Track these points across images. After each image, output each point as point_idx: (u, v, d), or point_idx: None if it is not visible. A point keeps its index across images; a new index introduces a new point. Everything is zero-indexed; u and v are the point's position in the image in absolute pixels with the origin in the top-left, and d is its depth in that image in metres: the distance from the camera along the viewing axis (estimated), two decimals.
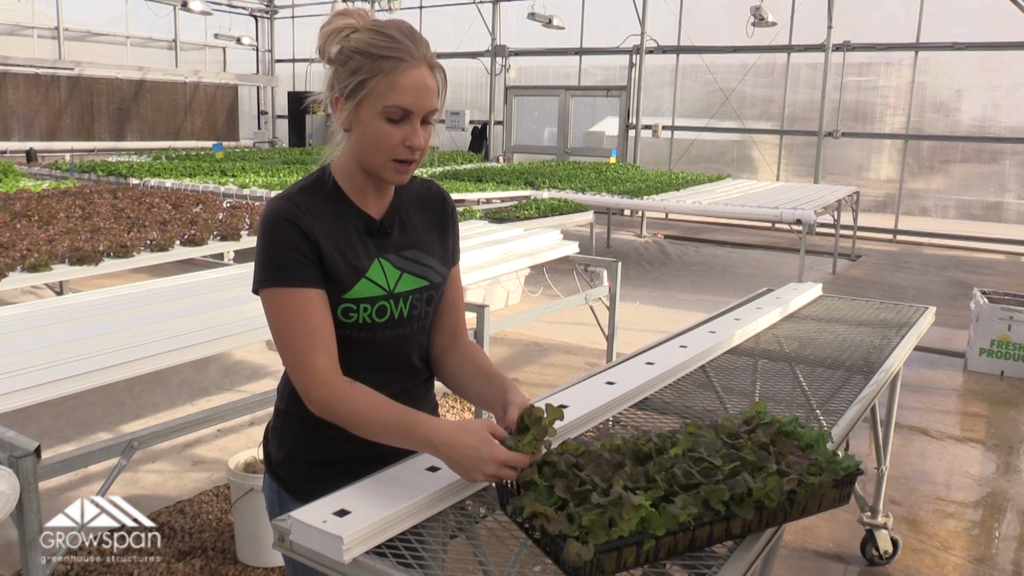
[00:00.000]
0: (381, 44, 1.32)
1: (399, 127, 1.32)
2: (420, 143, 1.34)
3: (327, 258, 1.35)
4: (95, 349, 2.44)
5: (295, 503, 1.35)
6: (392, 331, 1.43)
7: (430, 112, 1.35)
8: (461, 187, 8.47)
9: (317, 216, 1.37)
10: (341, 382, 1.34)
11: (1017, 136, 11.10)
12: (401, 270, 1.44)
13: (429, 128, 1.37)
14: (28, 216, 4.88)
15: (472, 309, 3.43)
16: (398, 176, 1.38)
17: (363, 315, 1.38)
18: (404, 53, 1.32)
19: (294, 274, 1.33)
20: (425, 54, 1.34)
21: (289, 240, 1.33)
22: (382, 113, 1.31)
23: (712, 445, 1.34)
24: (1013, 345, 5.50)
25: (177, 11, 17.04)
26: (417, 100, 1.32)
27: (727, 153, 13.54)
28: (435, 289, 1.48)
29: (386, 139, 1.32)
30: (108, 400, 4.52)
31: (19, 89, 14.45)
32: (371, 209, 1.44)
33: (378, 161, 1.36)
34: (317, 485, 1.35)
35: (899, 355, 2.49)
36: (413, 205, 1.50)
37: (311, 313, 1.33)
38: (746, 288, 7.04)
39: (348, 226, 1.40)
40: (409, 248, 1.46)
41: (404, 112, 1.32)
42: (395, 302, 1.42)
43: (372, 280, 1.39)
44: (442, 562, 1.20)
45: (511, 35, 15.48)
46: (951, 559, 3.19)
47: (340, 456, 1.44)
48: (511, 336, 6.06)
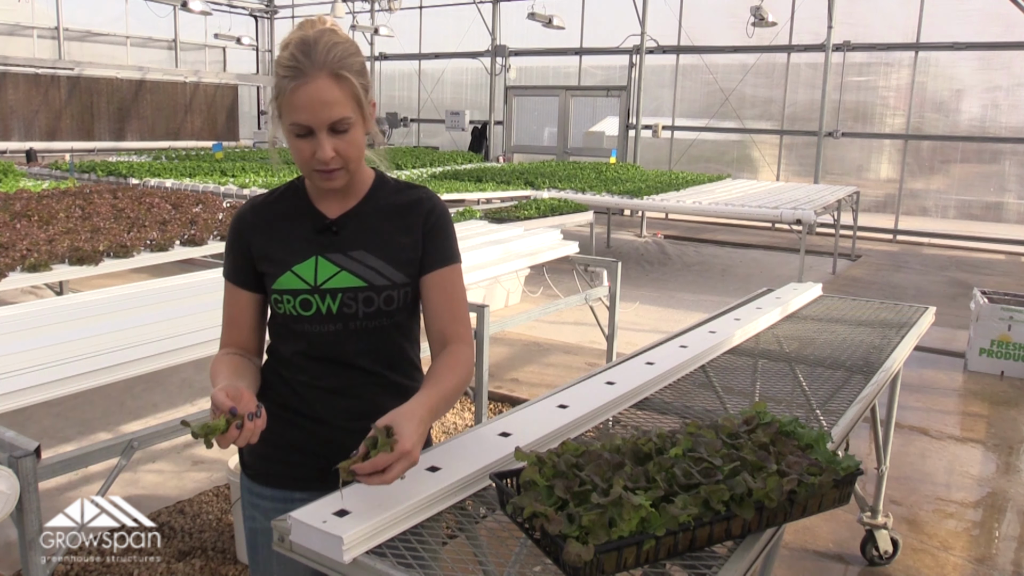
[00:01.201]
0: (282, 63, 1.37)
1: (307, 141, 1.38)
2: (326, 155, 1.37)
3: (257, 255, 1.50)
4: (95, 349, 2.44)
5: (247, 480, 1.60)
6: (322, 326, 1.47)
7: (337, 122, 1.37)
8: (461, 187, 8.46)
9: (265, 217, 1.52)
10: (220, 354, 1.52)
11: (1017, 136, 11.10)
12: (340, 268, 1.47)
13: (348, 135, 1.39)
14: (28, 216, 4.88)
15: (472, 309, 3.43)
16: (325, 183, 1.44)
17: (287, 306, 1.48)
18: (295, 71, 1.35)
19: (229, 270, 1.54)
20: (325, 64, 1.34)
21: (233, 241, 1.53)
22: (290, 131, 1.39)
23: (712, 445, 1.34)
24: (1013, 345, 5.50)
25: (177, 11, 17.04)
26: (312, 115, 1.35)
27: (727, 153, 13.54)
28: (375, 291, 1.46)
29: (299, 154, 1.40)
30: (108, 400, 4.52)
31: (19, 89, 14.44)
32: (331, 210, 1.51)
33: (304, 172, 1.46)
34: (263, 464, 1.56)
35: (899, 355, 2.49)
36: (386, 210, 1.52)
37: (232, 303, 1.55)
38: (746, 288, 7.04)
39: (297, 224, 1.51)
40: (357, 248, 1.48)
41: (305, 128, 1.37)
42: (320, 297, 1.46)
43: (297, 274, 1.47)
44: (442, 562, 1.20)
45: (511, 35, 15.48)
46: (951, 559, 3.19)
47: (282, 440, 1.52)
48: (511, 336, 6.06)
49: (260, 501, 1.58)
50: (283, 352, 1.54)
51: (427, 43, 16.72)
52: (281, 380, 1.54)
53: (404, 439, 1.21)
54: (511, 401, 4.77)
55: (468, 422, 4.44)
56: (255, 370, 1.54)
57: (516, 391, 4.91)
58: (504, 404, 4.77)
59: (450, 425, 4.39)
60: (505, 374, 5.25)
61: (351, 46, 1.39)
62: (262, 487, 1.57)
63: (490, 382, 4.18)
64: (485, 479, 1.40)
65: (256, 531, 1.59)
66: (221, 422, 1.24)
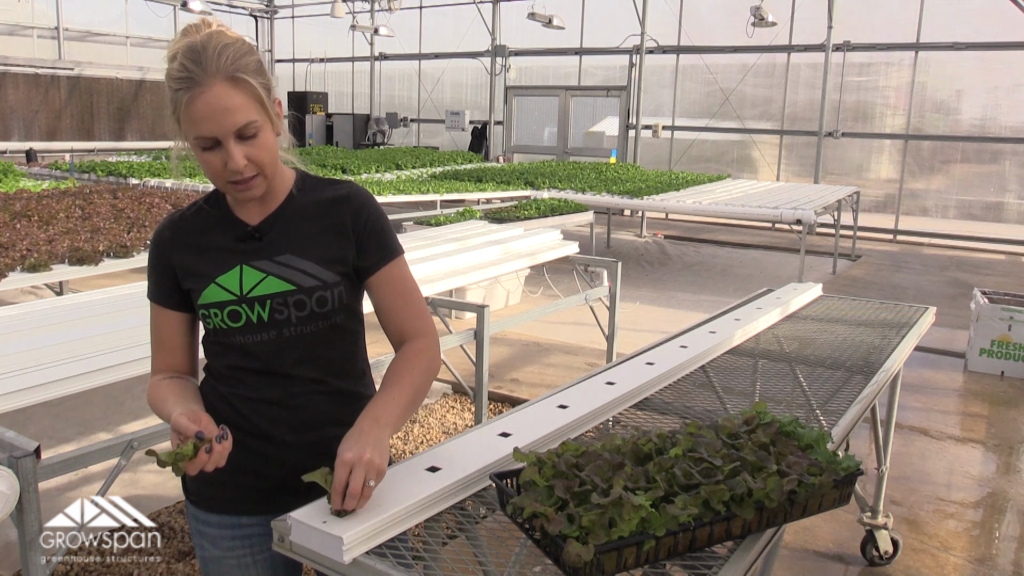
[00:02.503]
0: (173, 75, 1.28)
1: (215, 153, 1.31)
2: (238, 164, 1.30)
3: (180, 272, 1.43)
4: (95, 349, 2.44)
5: (192, 507, 1.52)
6: (255, 335, 1.41)
7: (243, 128, 1.29)
8: (461, 187, 8.47)
9: (186, 232, 1.45)
10: (157, 380, 1.45)
11: (1017, 136, 11.10)
12: (267, 273, 1.40)
13: (257, 140, 1.32)
14: (28, 216, 4.88)
15: (472, 309, 3.43)
16: (244, 194, 1.37)
17: (215, 320, 1.41)
18: (188, 80, 1.26)
19: (153, 291, 1.48)
20: (219, 69, 1.26)
21: (154, 261, 1.47)
22: (195, 145, 1.32)
23: (712, 445, 1.34)
24: (1013, 345, 5.50)
25: (177, 11, 17.03)
26: (215, 125, 1.27)
27: (727, 153, 13.54)
28: (306, 294, 1.40)
29: (209, 167, 1.33)
30: (108, 400, 4.52)
31: (19, 89, 14.44)
32: (251, 216, 1.44)
33: (219, 186, 1.39)
34: (207, 489, 1.48)
35: (899, 355, 2.49)
36: (309, 209, 1.45)
37: (157, 325, 1.48)
38: (746, 288, 7.05)
39: (218, 236, 1.44)
40: (283, 252, 1.41)
41: (210, 140, 1.29)
42: (249, 306, 1.39)
43: (222, 285, 1.40)
44: (442, 562, 1.20)
45: (511, 35, 15.48)
46: (951, 559, 3.19)
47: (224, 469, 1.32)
48: (511, 336, 6.06)
49: (207, 528, 1.49)
50: (218, 367, 1.47)
51: (427, 43, 16.71)
52: (218, 397, 1.46)
53: (343, 452, 1.23)
54: (511, 401, 4.77)
55: (468, 422, 4.44)
56: (197, 391, 1.47)
57: (516, 391, 4.91)
58: (504, 404, 4.77)
59: (450, 425, 4.39)
60: (505, 374, 5.25)
61: (243, 46, 1.31)
62: (207, 514, 1.49)
63: (490, 382, 4.18)
64: (485, 479, 1.40)
65: (207, 560, 1.51)
66: (189, 447, 1.21)
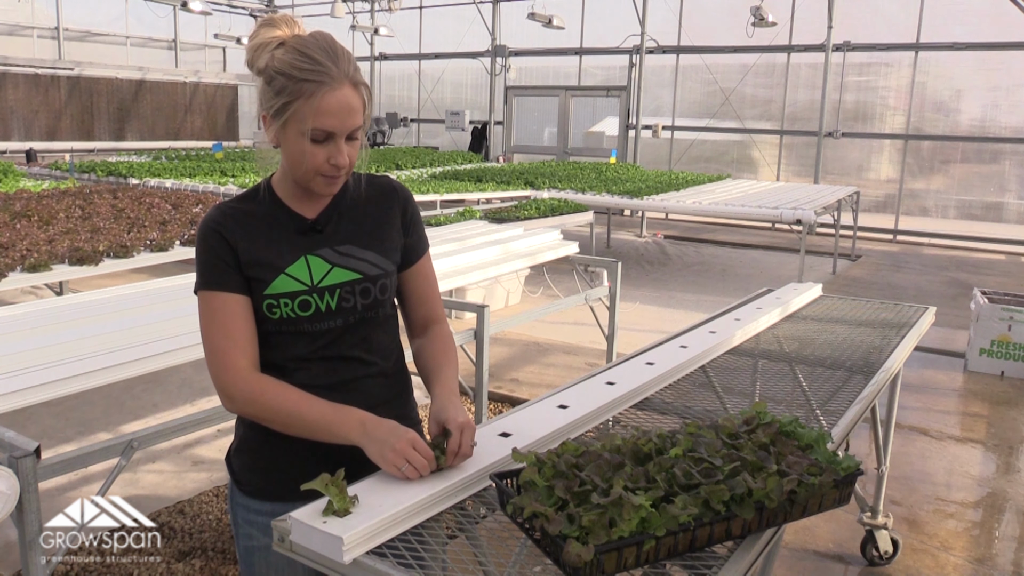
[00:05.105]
0: (303, 66, 1.34)
1: (323, 147, 1.38)
2: (344, 161, 1.39)
3: (244, 260, 1.43)
4: (95, 349, 2.44)
5: (242, 496, 1.53)
6: (321, 324, 1.46)
7: (354, 130, 1.39)
8: (461, 187, 8.46)
9: (243, 222, 1.45)
10: (266, 378, 1.42)
11: (1017, 136, 11.10)
12: (332, 264, 1.47)
13: (355, 143, 1.42)
14: (28, 216, 4.88)
15: (472, 309, 3.43)
16: (327, 188, 1.44)
17: (284, 310, 1.43)
18: (325, 76, 1.34)
19: (217, 279, 1.43)
20: (348, 72, 1.36)
21: (213, 247, 1.43)
22: (306, 134, 1.36)
23: (712, 445, 1.34)
24: (1013, 345, 5.50)
25: (177, 11, 17.03)
26: (339, 122, 1.36)
27: (727, 153, 13.54)
28: (371, 282, 1.48)
29: (311, 158, 1.38)
30: (108, 400, 4.52)
31: (19, 89, 14.43)
32: (307, 211, 1.49)
33: (306, 177, 1.42)
34: (259, 478, 1.51)
35: (899, 355, 2.49)
36: (361, 202, 1.54)
37: (230, 316, 1.42)
38: (746, 288, 7.04)
39: (278, 228, 1.47)
40: (345, 243, 1.49)
41: (327, 134, 1.37)
42: (319, 296, 1.45)
43: (292, 276, 1.44)
44: (442, 562, 1.20)
45: (511, 35, 15.48)
46: (951, 559, 3.19)
47: (279, 451, 1.48)
48: (511, 336, 6.06)
49: (258, 518, 1.51)
50: (275, 359, 1.48)
51: (427, 43, 16.71)
52: None
53: (455, 416, 1.40)
54: (511, 401, 4.77)
55: None
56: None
57: (516, 391, 4.91)
58: (504, 404, 4.77)
59: None
60: (505, 374, 5.25)
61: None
62: (261, 502, 1.51)
63: (490, 382, 4.18)
64: (485, 479, 1.40)
65: (253, 549, 1.54)
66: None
